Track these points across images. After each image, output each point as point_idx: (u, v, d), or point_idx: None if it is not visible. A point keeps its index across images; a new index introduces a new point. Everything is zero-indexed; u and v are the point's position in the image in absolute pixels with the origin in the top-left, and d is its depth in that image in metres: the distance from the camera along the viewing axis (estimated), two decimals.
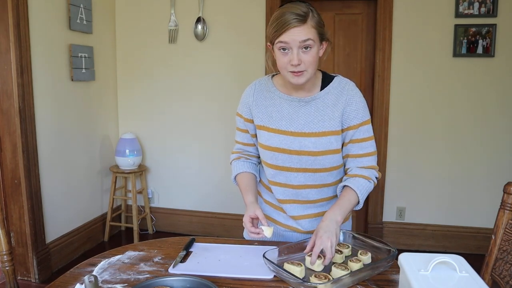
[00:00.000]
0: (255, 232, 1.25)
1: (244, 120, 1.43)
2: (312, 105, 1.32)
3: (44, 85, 2.72)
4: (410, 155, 3.19)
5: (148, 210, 3.58)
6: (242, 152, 1.50)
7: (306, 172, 1.34)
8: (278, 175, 1.38)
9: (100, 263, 1.22)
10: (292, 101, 1.33)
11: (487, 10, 2.90)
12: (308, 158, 1.31)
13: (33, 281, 2.71)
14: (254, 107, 1.39)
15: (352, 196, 1.28)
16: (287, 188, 1.38)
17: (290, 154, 1.32)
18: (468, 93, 3.04)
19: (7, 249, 1.33)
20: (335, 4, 3.19)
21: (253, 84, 1.43)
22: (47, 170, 2.78)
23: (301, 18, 1.17)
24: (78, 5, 2.95)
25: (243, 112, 1.43)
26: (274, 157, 1.35)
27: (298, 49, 1.20)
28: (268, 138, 1.35)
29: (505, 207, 1.24)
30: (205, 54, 3.35)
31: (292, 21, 1.17)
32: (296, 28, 1.18)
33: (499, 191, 1.52)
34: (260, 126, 1.37)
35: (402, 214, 3.25)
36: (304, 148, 1.30)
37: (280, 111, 1.34)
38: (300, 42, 1.19)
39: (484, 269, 1.27)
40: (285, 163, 1.34)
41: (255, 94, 1.40)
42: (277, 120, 1.34)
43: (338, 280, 1.05)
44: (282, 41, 1.20)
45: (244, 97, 1.43)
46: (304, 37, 1.18)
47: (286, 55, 1.21)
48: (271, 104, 1.36)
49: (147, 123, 3.56)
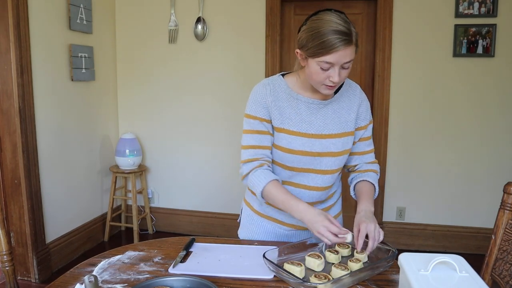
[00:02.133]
0: (341, 241, 1.17)
1: (260, 121, 1.33)
2: (329, 108, 1.35)
3: (44, 85, 2.72)
4: (410, 155, 3.19)
5: (148, 210, 3.58)
6: (262, 158, 1.34)
7: (327, 174, 1.37)
8: (296, 176, 1.38)
9: (100, 263, 1.22)
10: (311, 103, 1.33)
11: (487, 10, 2.90)
12: (329, 159, 1.34)
13: (33, 281, 2.71)
14: (273, 108, 1.32)
15: (372, 188, 1.38)
16: (302, 189, 1.39)
17: (313, 157, 1.33)
18: (468, 93, 3.04)
19: (7, 249, 1.33)
20: (335, 4, 3.18)
21: (267, 84, 1.34)
22: (47, 170, 2.79)
23: (348, 38, 1.15)
24: (78, 5, 2.95)
25: (259, 113, 1.33)
26: (296, 160, 1.34)
27: (340, 67, 1.20)
28: (289, 141, 1.32)
29: (505, 207, 1.24)
30: (205, 54, 3.35)
31: (339, 44, 1.14)
32: (343, 51, 1.16)
33: (499, 191, 1.52)
34: (280, 129, 1.33)
35: (402, 214, 3.25)
36: (326, 150, 1.33)
37: (299, 114, 1.32)
38: (344, 63, 1.19)
39: (484, 269, 1.27)
40: (306, 165, 1.35)
41: (273, 94, 1.33)
42: (296, 122, 1.32)
43: (338, 280, 1.05)
44: (327, 61, 1.18)
45: (259, 97, 1.33)
46: (349, 58, 1.19)
47: (325, 71, 1.20)
48: (288, 106, 1.32)
49: (147, 123, 3.56)
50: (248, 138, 1.34)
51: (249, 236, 1.51)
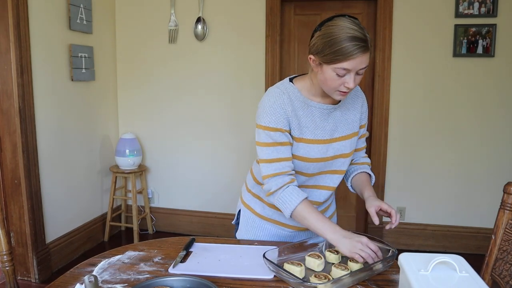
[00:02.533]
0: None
1: (282, 132, 1.27)
2: (338, 111, 1.36)
3: (44, 85, 2.72)
4: (410, 155, 3.19)
5: (148, 210, 3.58)
6: (289, 172, 1.29)
7: (336, 174, 1.40)
8: (309, 180, 1.39)
9: (100, 263, 1.22)
10: (324, 109, 1.32)
11: (487, 10, 2.90)
12: (340, 161, 1.38)
13: (33, 281, 2.71)
14: (293, 118, 1.28)
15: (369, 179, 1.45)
16: (313, 189, 1.40)
17: (327, 161, 1.36)
18: (468, 93, 3.04)
19: (7, 249, 1.33)
20: (335, 4, 3.19)
21: (282, 93, 1.28)
22: (47, 170, 2.78)
23: (365, 45, 1.14)
24: (78, 5, 2.95)
25: (279, 124, 1.26)
26: (312, 167, 1.35)
27: (355, 73, 1.19)
28: (308, 150, 1.31)
29: (505, 207, 1.24)
30: (205, 54, 3.35)
31: (357, 51, 1.13)
32: (360, 57, 1.15)
33: (499, 191, 1.52)
34: (299, 139, 1.30)
35: (402, 214, 3.25)
36: (338, 152, 1.36)
37: (313, 121, 1.31)
38: (360, 69, 1.18)
39: (484, 269, 1.27)
40: (320, 169, 1.37)
41: (291, 104, 1.28)
42: (312, 130, 1.31)
43: (338, 280, 1.05)
44: (344, 68, 1.16)
45: (278, 107, 1.26)
46: (365, 64, 1.18)
47: (341, 78, 1.19)
48: (304, 114, 1.30)
49: (147, 123, 3.56)
50: (270, 151, 1.28)
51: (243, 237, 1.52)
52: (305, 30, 3.26)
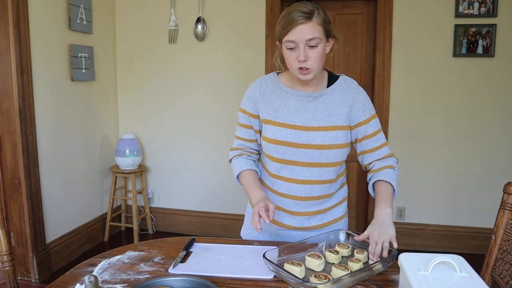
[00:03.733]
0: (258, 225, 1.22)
1: (248, 116, 1.43)
2: (319, 101, 1.35)
3: (44, 85, 2.72)
4: (410, 155, 3.19)
5: (148, 210, 3.58)
6: (244, 148, 1.49)
7: (312, 166, 1.35)
8: (283, 169, 1.38)
9: (100, 263, 1.22)
10: (299, 96, 1.36)
11: (487, 10, 2.90)
12: (315, 152, 1.33)
13: (33, 281, 2.71)
14: (260, 102, 1.39)
15: (389, 187, 1.33)
16: (291, 183, 1.38)
17: (298, 148, 1.34)
18: (468, 93, 3.04)
19: (7, 249, 1.33)
20: (335, 4, 3.19)
21: (259, 80, 1.44)
22: (47, 170, 2.78)
23: (307, 15, 1.21)
24: (78, 5, 2.95)
25: (247, 108, 1.43)
26: (280, 151, 1.35)
27: (305, 46, 1.23)
28: (275, 132, 1.35)
29: (505, 207, 1.24)
30: (205, 54, 3.35)
31: (298, 19, 1.21)
32: (302, 25, 1.21)
33: (499, 191, 1.52)
34: (266, 120, 1.38)
35: (402, 214, 3.25)
36: (312, 142, 1.33)
37: (287, 106, 1.36)
38: (306, 40, 1.22)
39: (484, 269, 1.27)
40: (291, 157, 1.35)
41: (262, 89, 1.41)
42: (284, 115, 1.35)
43: (338, 280, 1.05)
44: (289, 40, 1.24)
45: (249, 92, 1.44)
46: (310, 35, 1.22)
47: (293, 52, 1.25)
48: (277, 99, 1.38)
49: (147, 123, 3.56)
50: (238, 129, 1.49)
51: (248, 233, 1.53)
52: None
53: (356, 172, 3.33)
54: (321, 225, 1.43)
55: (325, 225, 1.44)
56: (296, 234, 1.45)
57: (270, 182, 1.44)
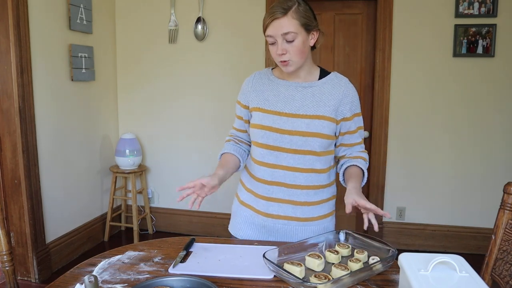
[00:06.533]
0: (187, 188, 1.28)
1: (241, 107, 1.51)
2: (309, 91, 1.40)
3: (44, 85, 2.72)
4: (410, 155, 3.19)
5: (148, 210, 3.58)
6: (233, 136, 1.58)
7: (297, 153, 1.38)
8: (268, 155, 1.41)
9: (100, 263, 1.22)
10: (289, 85, 1.42)
11: (487, 10, 2.90)
12: (299, 139, 1.36)
13: (33, 281, 2.71)
14: (251, 92, 1.46)
15: (360, 172, 1.40)
16: (276, 169, 1.40)
17: (283, 134, 1.37)
18: (468, 93, 3.04)
19: (7, 249, 1.33)
20: (335, 4, 3.19)
21: (253, 74, 1.51)
22: (47, 170, 2.78)
23: (283, 10, 1.27)
24: (78, 5, 2.95)
25: (240, 99, 1.51)
26: (265, 136, 1.39)
27: (282, 40, 1.30)
28: (261, 118, 1.41)
29: (505, 207, 1.24)
30: (205, 54, 3.35)
31: (275, 13, 1.28)
32: (277, 20, 1.28)
33: (499, 191, 1.52)
34: (255, 108, 1.43)
35: (402, 214, 3.25)
36: (297, 129, 1.36)
37: (277, 95, 1.42)
38: (282, 35, 1.29)
39: (484, 269, 1.27)
40: (276, 143, 1.38)
41: (254, 81, 1.48)
42: (273, 103, 1.41)
43: (338, 280, 1.05)
44: (268, 34, 1.32)
45: (243, 85, 1.52)
46: (285, 29, 1.28)
47: (274, 46, 1.33)
48: (268, 89, 1.44)
49: (147, 123, 3.56)
50: (235, 120, 1.59)
51: (234, 227, 1.60)
52: None
53: None
54: (307, 219, 1.43)
55: (310, 220, 1.43)
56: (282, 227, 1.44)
57: (255, 170, 1.46)
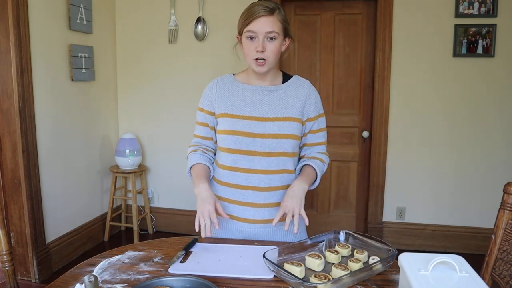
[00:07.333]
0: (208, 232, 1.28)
1: (205, 113, 1.49)
2: (275, 94, 1.43)
3: (44, 85, 2.72)
4: (410, 155, 3.19)
5: (148, 210, 3.58)
6: (199, 145, 1.54)
7: (270, 156, 1.39)
8: (241, 160, 1.41)
9: (100, 263, 1.22)
10: (255, 90, 1.43)
11: (487, 10, 2.90)
12: (272, 141, 1.38)
13: (33, 281, 2.71)
14: (216, 98, 1.46)
15: (313, 173, 1.43)
16: (250, 174, 1.40)
17: (255, 138, 1.39)
18: (468, 93, 3.04)
19: (7, 249, 1.33)
20: (335, 4, 3.19)
21: (215, 80, 1.51)
22: (47, 170, 2.78)
23: (269, 10, 1.32)
24: (78, 5, 2.95)
25: (204, 106, 1.49)
26: (237, 141, 1.39)
27: (264, 38, 1.33)
28: (232, 123, 1.40)
29: (505, 207, 1.24)
30: (205, 54, 3.35)
31: (260, 11, 1.31)
32: (263, 17, 1.31)
33: (499, 191, 1.52)
34: (223, 114, 1.43)
35: (402, 214, 3.25)
36: (269, 131, 1.38)
37: (243, 100, 1.43)
38: (266, 33, 1.32)
39: (484, 269, 1.27)
40: (249, 147, 1.39)
41: (218, 87, 1.48)
42: (240, 108, 1.42)
43: (338, 280, 1.05)
44: (250, 30, 1.33)
45: (206, 91, 1.51)
46: (270, 28, 1.32)
47: (253, 43, 1.34)
48: (233, 95, 1.44)
49: (147, 123, 3.56)
50: (196, 128, 1.55)
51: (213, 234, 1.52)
52: (305, 30, 3.26)
53: (356, 172, 3.33)
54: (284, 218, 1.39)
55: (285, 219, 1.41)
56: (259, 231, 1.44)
57: (227, 177, 1.44)
